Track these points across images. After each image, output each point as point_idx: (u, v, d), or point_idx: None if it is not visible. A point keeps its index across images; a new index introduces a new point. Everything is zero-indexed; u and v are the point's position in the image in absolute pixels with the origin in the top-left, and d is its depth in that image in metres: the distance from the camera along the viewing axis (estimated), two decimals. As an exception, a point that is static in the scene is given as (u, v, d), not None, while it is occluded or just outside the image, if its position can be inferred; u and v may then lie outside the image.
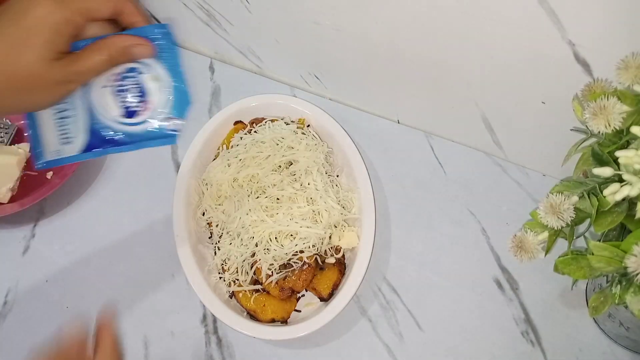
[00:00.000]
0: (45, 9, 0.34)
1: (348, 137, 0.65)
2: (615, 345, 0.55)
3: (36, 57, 0.34)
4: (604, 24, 0.47)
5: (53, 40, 0.34)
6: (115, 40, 0.37)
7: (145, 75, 0.38)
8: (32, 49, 0.33)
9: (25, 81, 0.34)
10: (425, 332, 0.58)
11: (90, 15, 0.36)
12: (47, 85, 0.35)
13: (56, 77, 0.35)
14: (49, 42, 0.34)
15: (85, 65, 0.36)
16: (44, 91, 0.35)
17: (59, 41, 0.34)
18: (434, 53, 0.60)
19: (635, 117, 0.39)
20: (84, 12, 0.35)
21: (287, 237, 0.58)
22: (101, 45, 0.36)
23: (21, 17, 0.34)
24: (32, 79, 0.34)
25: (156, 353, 0.58)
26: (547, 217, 0.39)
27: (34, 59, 0.33)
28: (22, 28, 0.33)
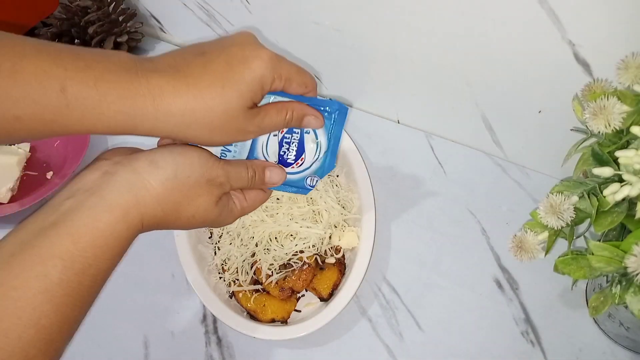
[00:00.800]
0: (261, 63, 0.36)
1: (348, 137, 0.65)
2: (615, 345, 0.55)
3: (236, 101, 0.35)
4: (604, 23, 0.47)
5: (255, 91, 0.36)
6: (296, 106, 0.40)
7: (309, 136, 0.43)
8: (237, 93, 0.35)
9: (218, 119, 0.35)
10: (425, 332, 0.58)
11: (288, 86, 0.39)
12: (231, 129, 0.36)
13: (242, 125, 0.36)
14: (251, 93, 0.36)
15: (266, 122, 0.38)
16: (227, 133, 0.36)
17: (258, 95, 0.36)
18: (434, 53, 0.60)
19: (635, 117, 0.39)
20: (285, 82, 0.38)
21: (287, 237, 0.58)
22: (283, 107, 0.39)
23: (236, 61, 0.35)
24: (224, 119, 0.35)
25: (156, 353, 0.58)
26: (547, 217, 0.39)
27: (235, 103, 0.35)
28: (235, 72, 0.35)
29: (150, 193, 0.34)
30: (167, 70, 0.34)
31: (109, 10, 0.79)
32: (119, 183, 0.33)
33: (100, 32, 0.80)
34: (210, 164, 0.37)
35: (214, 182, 0.37)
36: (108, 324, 0.61)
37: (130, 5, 0.83)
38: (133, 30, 0.82)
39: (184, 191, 0.35)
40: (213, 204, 0.37)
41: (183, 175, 0.35)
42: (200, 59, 0.35)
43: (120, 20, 0.81)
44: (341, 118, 0.43)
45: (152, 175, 0.34)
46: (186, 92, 0.34)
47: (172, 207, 0.35)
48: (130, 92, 0.32)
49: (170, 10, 0.80)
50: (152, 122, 0.33)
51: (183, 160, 0.35)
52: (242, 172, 0.39)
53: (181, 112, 0.34)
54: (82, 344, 0.59)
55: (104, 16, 0.79)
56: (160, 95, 0.33)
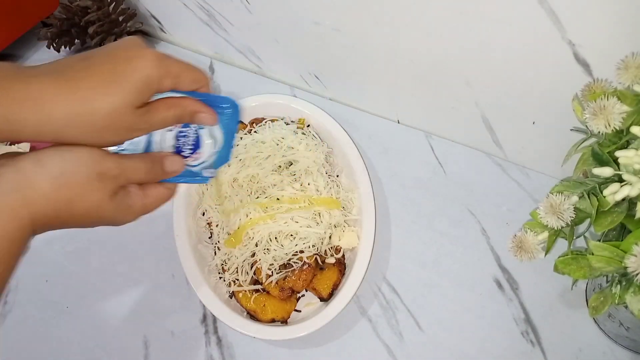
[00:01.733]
0: (146, 63, 0.35)
1: (348, 137, 0.65)
2: (615, 345, 0.55)
3: (122, 101, 0.35)
4: (604, 23, 0.47)
5: (141, 92, 0.36)
6: (187, 103, 0.40)
7: (204, 131, 0.44)
8: (122, 92, 0.35)
9: (104, 120, 0.35)
10: (425, 332, 0.58)
11: (179, 83, 0.38)
12: (119, 129, 0.36)
13: (130, 123, 0.36)
14: (137, 93, 0.35)
15: (156, 118, 0.38)
16: (115, 132, 0.36)
17: (145, 93, 0.36)
18: (434, 53, 0.60)
19: (635, 117, 0.39)
20: (174, 79, 0.38)
21: (287, 237, 0.58)
22: (174, 104, 0.39)
23: (121, 62, 0.35)
24: (110, 119, 0.35)
25: (156, 353, 0.58)
26: (547, 217, 0.39)
27: (120, 103, 0.35)
28: (119, 71, 0.35)
29: (37, 192, 0.33)
30: (48, 74, 0.34)
31: (109, 10, 0.79)
32: (4, 184, 0.32)
33: (100, 32, 0.80)
34: (101, 158, 0.36)
35: (105, 175, 0.36)
36: (108, 324, 0.61)
37: (130, 5, 0.83)
38: (133, 30, 0.82)
39: (73, 188, 0.34)
40: (107, 199, 0.36)
41: (71, 170, 0.34)
42: (84, 62, 0.35)
43: (120, 20, 0.81)
44: (235, 114, 0.44)
45: (38, 174, 0.33)
46: (68, 96, 0.33)
47: (63, 206, 0.34)
48: (9, 97, 0.32)
49: (170, 10, 0.80)
50: (34, 127, 0.33)
51: (70, 156, 0.35)
52: (138, 163, 0.39)
53: (64, 116, 0.33)
54: (82, 343, 0.59)
55: (104, 16, 0.79)
56: (41, 99, 0.33)
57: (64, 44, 0.83)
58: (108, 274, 0.64)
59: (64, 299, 0.62)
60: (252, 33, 0.74)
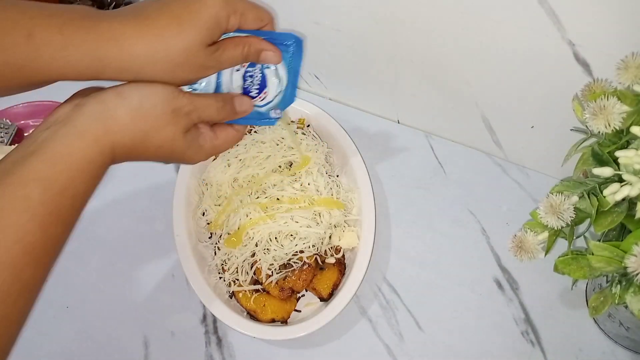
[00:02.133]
0: (214, 2, 0.38)
1: (348, 137, 0.65)
2: (615, 345, 0.55)
3: (194, 38, 0.37)
4: (604, 24, 0.47)
5: (212, 29, 0.38)
6: (253, 41, 0.42)
7: (270, 71, 0.44)
8: (194, 30, 0.37)
9: (179, 56, 0.37)
10: (425, 332, 0.58)
11: (244, 22, 0.40)
12: (192, 66, 0.38)
13: (202, 61, 0.38)
14: (208, 30, 0.38)
15: (225, 56, 0.40)
16: (189, 70, 0.38)
17: (215, 31, 0.38)
18: (434, 53, 0.60)
19: (635, 117, 0.39)
20: (240, 17, 0.40)
21: (287, 237, 0.58)
22: (240, 42, 0.41)
23: (192, 2, 0.37)
24: (184, 55, 0.37)
25: (156, 353, 0.58)
26: (547, 217, 0.39)
27: (193, 40, 0.37)
28: (190, 10, 0.37)
29: (117, 122, 0.35)
30: (126, 15, 0.36)
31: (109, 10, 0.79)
32: (88, 113, 0.35)
33: (100, 32, 0.79)
34: (176, 94, 0.38)
35: (180, 111, 0.38)
36: (108, 324, 0.61)
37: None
38: (133, 30, 0.82)
39: (150, 120, 0.37)
40: (180, 135, 0.39)
41: (148, 104, 0.36)
42: (157, 3, 0.38)
43: (120, 20, 0.81)
44: (298, 50, 0.44)
45: (119, 105, 0.36)
46: (146, 33, 0.36)
47: (140, 136, 0.37)
48: (95, 35, 0.34)
49: (170, 10, 0.80)
50: (118, 63, 0.35)
51: (148, 91, 0.37)
52: (210, 101, 0.41)
53: (144, 53, 0.36)
54: (82, 343, 0.59)
55: (104, 16, 0.79)
56: (123, 37, 0.35)
57: (64, 44, 0.83)
58: (108, 274, 0.64)
59: (64, 299, 0.62)
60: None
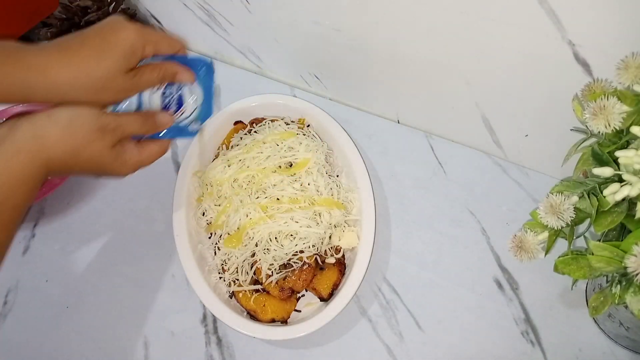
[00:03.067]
0: (129, 34, 0.44)
1: (348, 137, 0.65)
2: (615, 345, 0.55)
3: (112, 66, 0.43)
4: (604, 24, 0.47)
5: (128, 57, 0.44)
6: (168, 65, 0.48)
7: (186, 89, 0.51)
8: (113, 59, 0.43)
9: (99, 82, 0.43)
10: (425, 332, 0.58)
11: (159, 49, 0.47)
12: (113, 89, 0.44)
13: (122, 85, 0.44)
14: (125, 59, 0.44)
15: (143, 80, 0.46)
16: (109, 93, 0.44)
17: (131, 59, 0.45)
18: (434, 53, 0.60)
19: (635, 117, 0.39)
20: (155, 45, 0.46)
21: (287, 237, 0.58)
22: (157, 67, 0.47)
23: (108, 34, 0.43)
24: (104, 81, 0.43)
25: (156, 353, 0.58)
26: (547, 217, 0.39)
27: (111, 67, 0.43)
28: (108, 42, 0.43)
29: (49, 139, 0.40)
30: (51, 48, 0.42)
31: (109, 10, 0.79)
32: (22, 132, 0.40)
33: (100, 32, 0.80)
34: (100, 113, 0.44)
35: (106, 128, 0.43)
36: (108, 324, 0.61)
37: (130, 5, 0.83)
38: (133, 30, 0.82)
39: (79, 137, 0.42)
40: (107, 150, 0.44)
41: (77, 123, 0.42)
42: (78, 37, 0.43)
43: (120, 20, 0.81)
44: (209, 71, 0.52)
45: (50, 125, 0.41)
46: (69, 64, 0.41)
47: (70, 151, 0.41)
48: (21, 67, 0.40)
49: (170, 10, 0.80)
50: (44, 89, 0.41)
51: (76, 112, 0.42)
52: (133, 117, 0.46)
53: (67, 80, 0.41)
54: (82, 343, 0.59)
55: (104, 16, 0.79)
56: (48, 67, 0.41)
57: (64, 44, 0.83)
58: (108, 274, 0.64)
59: (64, 299, 0.62)
60: (252, 33, 0.74)
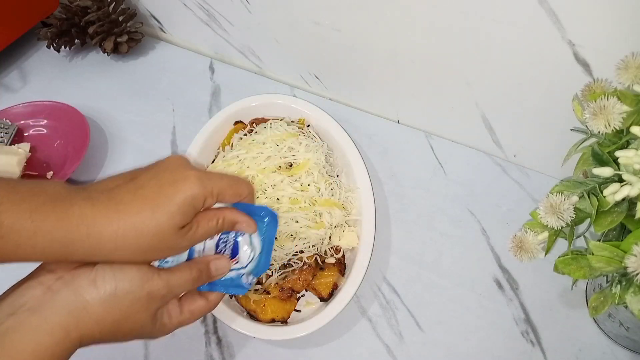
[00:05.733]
0: (190, 185, 0.37)
1: (348, 137, 0.65)
2: (615, 345, 0.55)
3: (168, 222, 0.36)
4: (604, 24, 0.47)
5: (186, 212, 0.37)
6: (227, 214, 0.41)
7: (243, 239, 0.44)
8: (168, 215, 0.36)
9: (150, 241, 0.36)
10: (425, 332, 0.58)
11: (221, 199, 0.39)
12: (163, 248, 0.37)
13: (174, 243, 0.37)
14: (182, 214, 0.36)
15: (198, 233, 0.39)
16: (159, 252, 0.38)
17: (189, 213, 0.37)
18: (434, 53, 0.60)
19: (635, 117, 0.39)
20: (217, 195, 0.39)
21: (287, 237, 0.58)
22: (214, 216, 0.40)
23: (166, 184, 0.37)
24: (154, 240, 0.36)
25: (156, 353, 0.58)
26: (547, 217, 0.39)
27: (166, 224, 0.36)
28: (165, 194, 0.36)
29: (89, 315, 0.35)
30: (99, 197, 0.35)
31: (109, 10, 0.79)
32: (60, 303, 0.35)
33: (100, 32, 0.80)
34: (150, 277, 0.37)
35: (153, 295, 0.38)
36: (108, 324, 0.60)
37: (130, 5, 0.83)
38: (133, 30, 0.82)
39: (122, 309, 0.36)
40: (149, 320, 0.38)
41: (122, 292, 0.36)
42: (131, 184, 0.37)
43: (120, 20, 0.81)
44: (273, 221, 0.44)
45: (92, 295, 0.35)
46: (117, 219, 0.35)
47: (110, 327, 0.37)
48: (64, 222, 0.34)
49: (170, 10, 0.80)
50: (85, 249, 0.35)
51: (122, 277, 0.36)
52: (185, 276, 0.40)
53: (113, 238, 0.35)
54: (82, 344, 0.59)
55: (104, 16, 0.79)
56: (94, 224, 0.34)
57: (64, 44, 0.83)
58: (108, 274, 0.64)
59: (64, 299, 0.62)
60: (252, 33, 0.74)
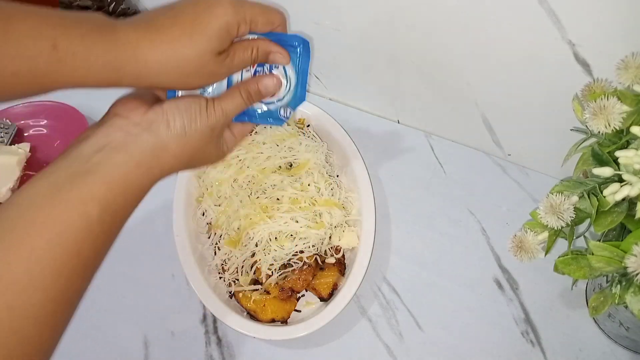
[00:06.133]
0: (224, 10, 0.39)
1: (348, 137, 0.65)
2: (615, 345, 0.55)
3: (205, 48, 0.38)
4: (604, 24, 0.47)
5: (222, 37, 0.39)
6: (261, 44, 0.43)
7: (278, 71, 0.45)
8: (205, 40, 0.38)
9: (191, 66, 0.38)
10: (425, 332, 0.58)
11: (255, 27, 0.41)
12: (204, 73, 0.40)
13: (213, 68, 0.40)
14: (218, 40, 0.39)
15: (235, 62, 0.41)
16: (200, 77, 0.40)
17: (225, 39, 0.39)
18: (434, 53, 0.60)
19: (635, 117, 0.39)
20: (250, 22, 0.41)
21: (287, 237, 0.58)
22: (249, 46, 0.42)
23: (202, 10, 0.38)
24: (196, 65, 0.38)
25: (156, 353, 0.58)
26: (547, 217, 0.39)
27: (204, 50, 0.38)
28: (201, 21, 0.38)
29: (167, 152, 0.39)
30: (141, 25, 0.38)
31: (109, 10, 0.79)
32: (142, 144, 0.38)
33: (100, 32, 0.80)
34: (211, 111, 0.41)
35: (216, 127, 0.41)
36: (108, 324, 0.61)
37: (130, 5, 0.83)
38: (133, 30, 0.82)
39: (195, 145, 0.40)
40: (215, 148, 0.43)
41: (191, 130, 0.40)
42: (169, 12, 0.39)
43: (120, 20, 0.81)
44: (306, 51, 0.45)
45: (168, 137, 0.39)
46: (160, 43, 0.37)
47: (185, 161, 0.41)
48: (114, 45, 0.36)
49: (170, 10, 0.80)
50: (134, 72, 0.37)
51: (189, 117, 0.40)
52: (237, 101, 0.43)
53: (158, 61, 0.37)
54: (82, 343, 0.59)
55: (104, 16, 0.79)
56: (139, 47, 0.37)
57: (64, 44, 0.83)
58: (108, 274, 0.64)
59: (64, 299, 0.62)
60: (252, 33, 0.74)
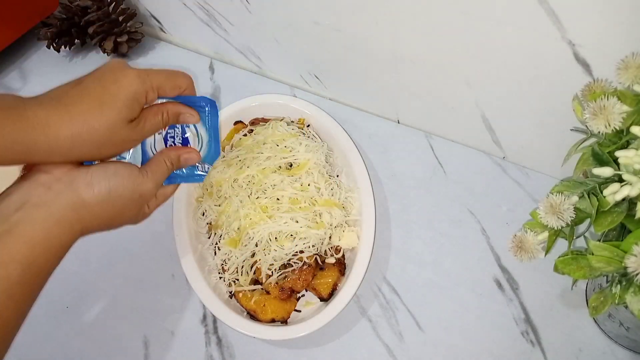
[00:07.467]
0: (130, 80, 0.40)
1: (348, 137, 0.65)
2: (615, 345, 0.55)
3: (115, 117, 0.39)
4: (604, 24, 0.47)
5: (131, 106, 0.40)
6: (170, 107, 0.45)
7: (189, 130, 0.48)
8: (115, 111, 0.39)
9: (103, 136, 0.39)
10: (425, 332, 0.58)
11: (163, 93, 0.43)
12: (117, 142, 0.41)
13: (125, 136, 0.41)
14: (128, 108, 0.40)
15: (147, 127, 0.43)
16: (114, 146, 0.41)
17: (135, 108, 0.41)
18: (434, 53, 0.60)
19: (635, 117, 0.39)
20: (157, 89, 0.43)
21: (287, 237, 0.58)
22: (159, 110, 0.44)
23: (109, 84, 0.40)
24: (108, 135, 0.40)
25: (156, 353, 0.58)
26: (547, 217, 0.39)
27: (114, 119, 0.39)
28: (109, 92, 0.39)
29: (88, 211, 0.40)
30: (51, 102, 0.38)
31: (109, 10, 0.79)
32: (64, 201, 0.39)
33: (100, 32, 0.80)
34: (140, 181, 0.43)
35: (145, 195, 0.43)
36: (108, 324, 0.61)
37: (130, 5, 0.83)
38: (133, 30, 0.82)
39: (116, 207, 0.42)
40: (137, 213, 0.44)
41: (116, 194, 0.41)
42: (77, 87, 0.40)
43: (120, 20, 0.81)
44: (214, 109, 0.48)
45: (90, 196, 0.40)
46: (70, 119, 0.38)
47: (106, 221, 0.42)
48: (23, 124, 0.36)
49: (170, 10, 0.80)
50: (46, 148, 0.38)
51: (115, 181, 0.41)
52: (163, 168, 0.45)
53: (70, 136, 0.38)
54: (82, 343, 0.59)
55: (104, 16, 0.79)
56: (48, 124, 0.37)
57: (64, 44, 0.83)
58: (108, 274, 0.64)
59: (64, 299, 0.62)
60: (252, 33, 0.74)
